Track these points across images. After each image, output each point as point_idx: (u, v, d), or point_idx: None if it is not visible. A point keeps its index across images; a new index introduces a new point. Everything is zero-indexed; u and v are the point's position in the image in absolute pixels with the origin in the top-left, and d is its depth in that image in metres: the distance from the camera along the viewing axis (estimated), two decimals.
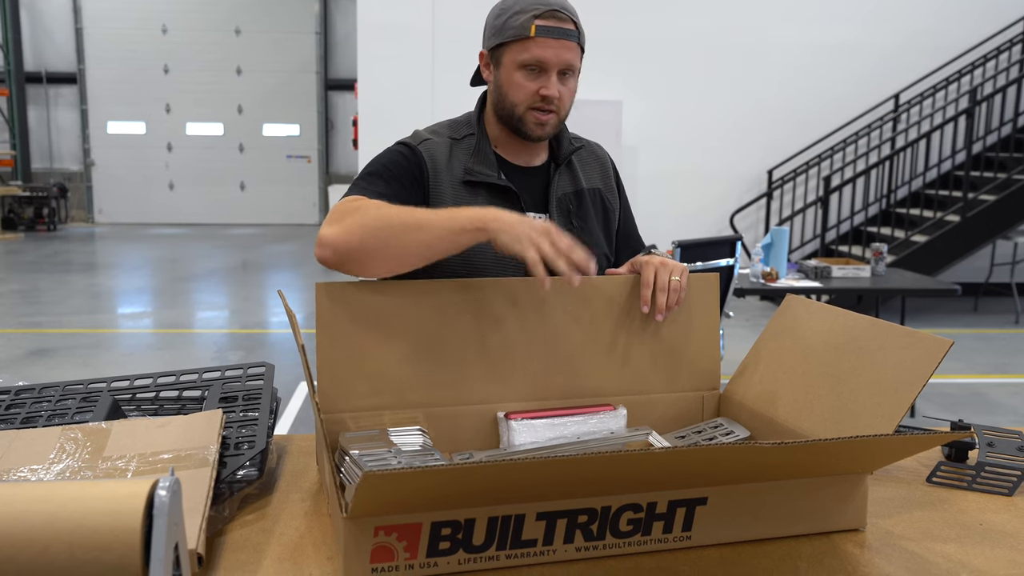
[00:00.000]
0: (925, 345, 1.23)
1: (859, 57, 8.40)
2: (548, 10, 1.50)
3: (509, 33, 1.51)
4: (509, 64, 1.53)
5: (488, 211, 1.34)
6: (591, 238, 1.66)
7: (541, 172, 1.66)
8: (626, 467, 1.03)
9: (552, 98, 1.53)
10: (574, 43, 1.53)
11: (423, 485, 0.94)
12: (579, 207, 1.67)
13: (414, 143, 1.59)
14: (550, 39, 1.50)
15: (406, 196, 1.51)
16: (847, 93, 8.41)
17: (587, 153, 1.75)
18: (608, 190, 1.74)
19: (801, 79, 8.41)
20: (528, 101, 1.54)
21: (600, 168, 1.75)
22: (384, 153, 1.59)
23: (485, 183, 1.58)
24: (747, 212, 8.45)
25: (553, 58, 1.51)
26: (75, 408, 1.38)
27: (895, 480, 1.41)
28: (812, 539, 1.18)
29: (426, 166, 1.56)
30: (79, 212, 14.47)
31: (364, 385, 1.40)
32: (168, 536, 0.83)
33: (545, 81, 1.52)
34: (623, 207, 1.79)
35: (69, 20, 13.99)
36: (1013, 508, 1.31)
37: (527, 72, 1.52)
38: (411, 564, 1.05)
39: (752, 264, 4.71)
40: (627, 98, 8.15)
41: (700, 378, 1.57)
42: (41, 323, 6.88)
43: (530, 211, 1.62)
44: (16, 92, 13.75)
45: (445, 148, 1.60)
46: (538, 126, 1.56)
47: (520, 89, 1.53)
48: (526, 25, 1.49)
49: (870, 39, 8.39)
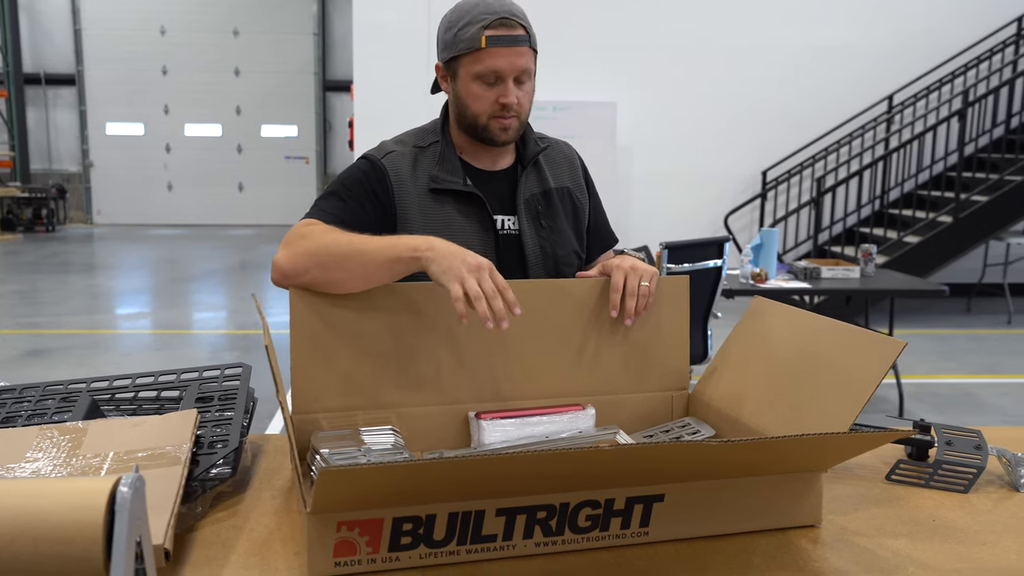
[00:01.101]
0: (880, 346, 1.27)
1: (853, 59, 8.43)
2: (496, 19, 1.53)
3: (461, 46, 1.55)
4: (465, 76, 1.57)
5: (426, 240, 1.37)
6: (561, 237, 1.70)
7: (508, 175, 1.69)
8: (581, 464, 1.06)
9: (511, 105, 1.56)
10: (526, 47, 1.56)
11: (380, 481, 0.97)
12: (547, 207, 1.70)
13: (377, 157, 1.62)
14: (502, 48, 1.53)
15: (364, 215, 1.55)
16: (841, 94, 8.44)
17: (554, 152, 1.78)
18: (577, 188, 1.77)
19: (795, 80, 8.44)
20: (489, 111, 1.58)
21: (568, 166, 1.78)
22: (347, 170, 1.62)
23: (451, 190, 1.61)
24: (742, 213, 8.49)
25: (507, 66, 1.54)
26: (54, 408, 1.41)
27: (856, 478, 1.44)
28: (768, 535, 1.22)
29: (389, 179, 1.60)
30: (78, 213, 14.51)
31: (337, 386, 1.43)
32: (130, 531, 0.86)
33: (503, 89, 1.56)
34: (593, 204, 1.81)
35: (68, 21, 14.04)
36: (967, 505, 1.34)
37: (483, 83, 1.56)
38: (373, 558, 1.08)
39: (742, 265, 4.74)
40: (621, 99, 8.19)
41: (669, 378, 1.61)
42: (38, 324, 6.92)
43: (498, 215, 1.65)
44: (15, 93, 13.80)
45: (410, 158, 1.63)
46: (502, 131, 1.59)
47: (479, 100, 1.57)
48: (476, 37, 1.52)
49: (864, 41, 8.42)
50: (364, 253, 1.38)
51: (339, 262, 1.38)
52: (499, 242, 1.64)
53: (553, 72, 8.21)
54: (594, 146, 8.08)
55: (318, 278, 1.38)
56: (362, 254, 1.38)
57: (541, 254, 1.67)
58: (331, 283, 1.39)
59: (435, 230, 1.57)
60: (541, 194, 1.70)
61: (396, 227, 1.59)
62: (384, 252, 1.38)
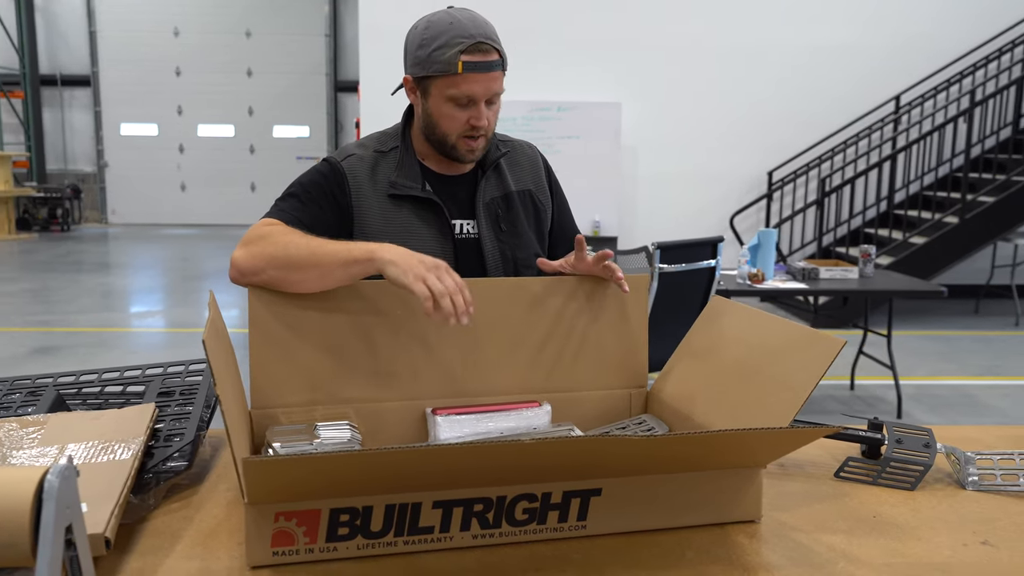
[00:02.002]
0: (823, 345, 1.29)
1: (860, 59, 8.40)
2: (473, 44, 1.54)
3: (436, 68, 1.56)
4: (438, 96, 1.59)
5: (381, 245, 1.39)
6: (521, 240, 1.72)
7: (468, 179, 1.72)
8: (514, 456, 1.09)
9: (482, 128, 1.59)
10: (499, 72, 1.59)
11: (306, 471, 1.00)
12: (508, 210, 1.72)
13: (337, 159, 1.65)
14: (477, 74, 1.55)
15: (323, 216, 1.58)
16: (848, 94, 8.41)
17: (516, 155, 1.80)
18: (539, 190, 1.79)
19: (801, 80, 8.42)
20: (459, 131, 1.60)
21: (531, 168, 1.80)
22: (307, 172, 1.65)
23: (409, 196, 1.64)
24: (747, 213, 8.47)
25: (482, 91, 1.57)
26: (20, 401, 1.45)
27: (805, 475, 1.46)
28: (706, 530, 1.24)
29: (347, 182, 1.63)
30: (93, 213, 14.66)
31: (296, 382, 1.46)
32: (57, 519, 0.89)
33: (475, 113, 1.58)
34: (558, 204, 1.84)
35: (83, 23, 14.18)
36: (911, 502, 1.36)
37: (456, 104, 1.58)
38: (311, 548, 1.11)
39: (739, 266, 4.75)
40: (626, 99, 8.20)
41: (628, 376, 1.63)
42: (48, 321, 7.00)
43: (456, 219, 1.68)
44: (31, 94, 13.96)
45: (370, 162, 1.66)
46: (469, 152, 1.63)
47: (451, 120, 1.60)
48: (453, 61, 1.54)
49: (871, 41, 8.39)
50: (320, 256, 1.41)
51: (296, 264, 1.41)
52: (457, 247, 1.66)
53: (557, 73, 8.26)
54: (599, 146, 8.11)
55: (274, 277, 1.41)
56: (318, 257, 1.41)
57: (501, 257, 1.69)
58: (287, 283, 1.42)
59: (394, 235, 1.60)
60: (501, 197, 1.72)
61: (353, 230, 1.61)
62: (340, 255, 1.40)
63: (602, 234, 8.04)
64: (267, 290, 1.45)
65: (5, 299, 7.93)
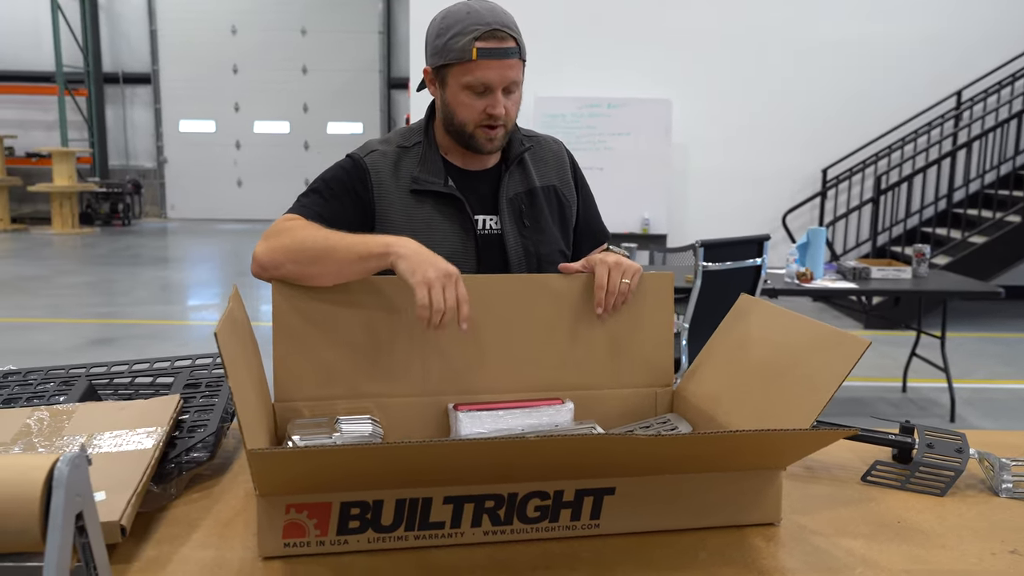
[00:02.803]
0: (847, 345, 1.26)
1: (920, 53, 8.19)
2: (488, 31, 1.54)
3: (452, 55, 1.56)
4: (454, 85, 1.59)
5: (398, 239, 1.40)
6: (544, 236, 1.71)
7: (491, 174, 1.71)
8: (526, 454, 1.08)
9: (499, 116, 1.59)
10: (516, 60, 1.58)
11: (312, 464, 1.01)
12: (531, 206, 1.71)
13: (360, 155, 1.66)
14: (492, 61, 1.54)
15: (344, 212, 1.59)
16: (907, 90, 8.21)
17: (541, 150, 1.79)
18: (564, 185, 1.78)
19: (858, 76, 8.24)
20: (477, 120, 1.60)
21: (556, 164, 1.79)
22: (330, 168, 1.66)
23: (431, 191, 1.64)
24: (800, 211, 8.32)
25: (497, 79, 1.56)
26: (53, 391, 1.49)
27: (831, 478, 1.43)
28: (722, 531, 1.22)
29: (370, 178, 1.63)
30: (152, 208, 15.00)
31: (318, 376, 1.48)
32: (66, 506, 0.91)
33: (491, 101, 1.58)
34: (583, 200, 1.82)
35: (144, 22, 14.51)
36: (939, 508, 1.32)
37: (472, 93, 1.58)
38: (322, 540, 1.12)
39: (787, 264, 4.67)
40: (677, 96, 8.11)
41: (653, 374, 1.61)
42: (106, 313, 7.19)
43: (479, 215, 1.68)
44: (95, 92, 14.32)
45: (392, 158, 1.66)
46: (488, 141, 1.62)
47: (468, 109, 1.59)
48: (467, 48, 1.54)
49: (932, 35, 8.18)
50: (337, 249, 1.42)
51: (313, 257, 1.42)
52: (480, 242, 1.66)
53: (608, 69, 8.21)
54: (649, 143, 8.05)
55: (293, 272, 1.43)
56: (335, 250, 1.42)
57: (524, 253, 1.68)
58: (305, 277, 1.43)
59: (416, 230, 1.60)
60: (525, 193, 1.72)
61: (375, 226, 1.62)
62: (356, 249, 1.41)
63: (651, 231, 7.97)
64: (290, 285, 1.46)
65: (67, 291, 8.16)
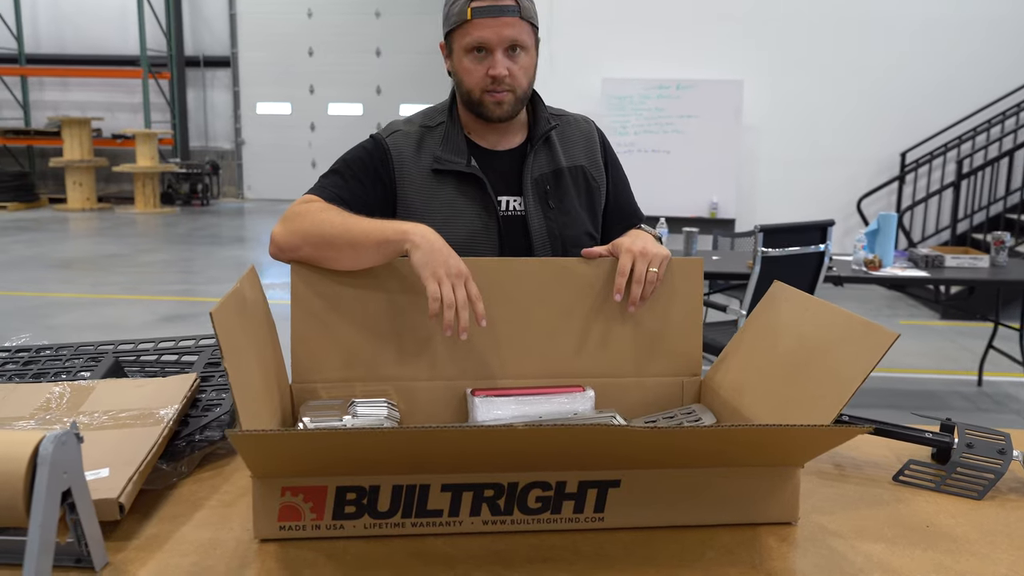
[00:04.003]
0: (875, 337, 1.19)
1: (1007, 31, 7.80)
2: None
3: (452, 20, 1.55)
4: (458, 51, 1.57)
5: (417, 227, 1.38)
6: (570, 218, 1.66)
7: (516, 154, 1.67)
8: (521, 443, 1.05)
9: (501, 77, 1.55)
10: (515, 18, 1.53)
11: (296, 447, 1.00)
12: (557, 187, 1.67)
13: (383, 136, 1.64)
14: (487, 19, 1.52)
15: (364, 193, 1.57)
16: (992, 70, 7.83)
17: (570, 129, 1.74)
18: (593, 166, 1.73)
19: (939, 54, 7.89)
20: (481, 84, 1.56)
21: (585, 143, 1.74)
22: (352, 149, 1.65)
23: (453, 171, 1.61)
24: (877, 196, 8.04)
25: (494, 37, 1.53)
26: (80, 366, 1.52)
27: (862, 477, 1.36)
28: (734, 529, 1.17)
29: (391, 158, 1.61)
30: (230, 188, 15.37)
31: (336, 358, 1.47)
32: (51, 484, 0.92)
33: (491, 61, 1.54)
34: (615, 181, 1.77)
35: (225, 7, 14.82)
36: (974, 512, 1.24)
37: (474, 56, 1.55)
38: (317, 524, 1.11)
39: (854, 251, 4.51)
40: (748, 77, 7.90)
41: (680, 363, 1.56)
42: (180, 291, 7.40)
43: (503, 195, 1.64)
44: (177, 76, 14.72)
45: (415, 138, 1.64)
46: (496, 106, 1.58)
47: (470, 74, 1.56)
48: (463, 10, 1.53)
49: (1020, 11, 7.77)
50: (354, 234, 1.41)
51: (330, 242, 1.41)
52: (502, 224, 1.62)
53: (677, 49, 8.04)
54: (718, 125, 7.88)
55: (310, 255, 1.42)
56: (352, 235, 1.41)
57: (548, 236, 1.64)
58: (322, 260, 1.42)
59: (437, 211, 1.58)
60: (551, 173, 1.67)
61: (397, 206, 1.60)
62: (374, 235, 1.40)
63: (719, 216, 7.81)
64: (309, 266, 1.46)
65: (145, 269, 8.42)
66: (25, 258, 8.84)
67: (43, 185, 14.68)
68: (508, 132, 1.66)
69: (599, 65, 8.00)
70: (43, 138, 14.15)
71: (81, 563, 1.02)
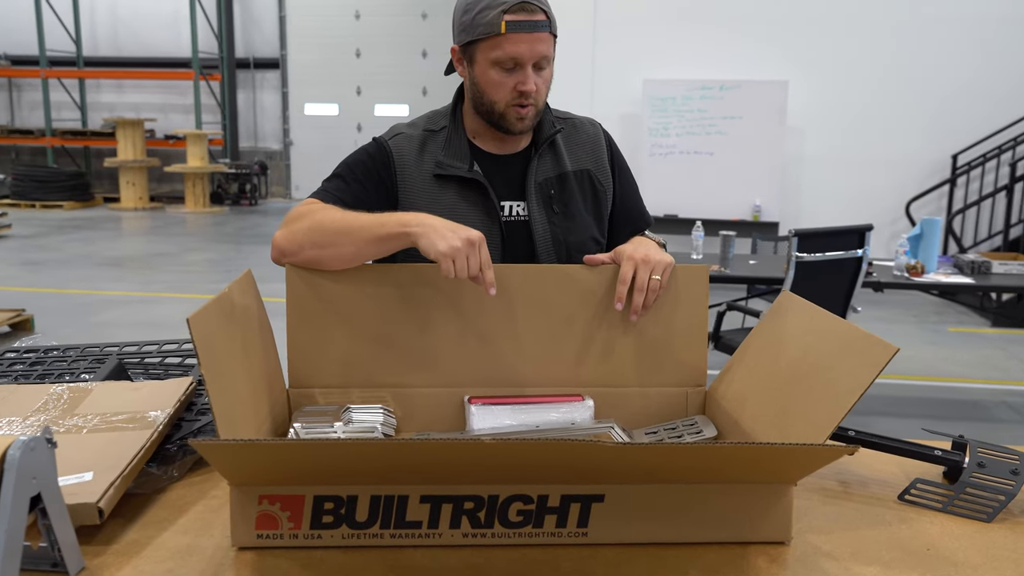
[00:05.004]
0: (875, 351, 1.14)
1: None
2: (517, 3, 1.47)
3: (479, 30, 1.50)
4: (483, 62, 1.53)
5: (415, 216, 1.38)
6: (574, 223, 1.63)
7: (520, 158, 1.65)
8: (491, 455, 1.03)
9: (530, 93, 1.52)
10: (546, 34, 1.50)
11: (261, 457, 0.99)
12: (562, 191, 1.64)
13: (385, 139, 1.63)
14: (522, 34, 1.48)
15: (366, 196, 1.56)
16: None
17: (576, 132, 1.71)
18: (599, 170, 1.69)
19: (992, 54, 7.66)
20: (507, 98, 1.53)
21: (591, 147, 1.71)
22: (355, 152, 1.64)
23: (455, 176, 1.59)
24: (927, 200, 7.84)
25: (527, 53, 1.49)
26: (84, 368, 1.53)
27: (866, 495, 1.31)
28: (722, 548, 1.13)
29: (393, 162, 1.60)
30: (278, 188, 15.57)
31: (333, 363, 1.46)
32: (17, 489, 0.92)
33: (521, 77, 1.51)
34: (622, 185, 1.73)
35: (274, 9, 15.02)
36: (981, 535, 1.18)
37: (502, 69, 1.52)
38: (295, 534, 1.10)
39: (896, 256, 4.40)
40: (793, 77, 7.76)
41: (684, 374, 1.52)
42: (220, 290, 7.49)
43: (505, 200, 1.62)
44: (228, 77, 14.96)
45: (418, 141, 1.62)
46: (519, 120, 1.55)
47: (498, 87, 1.53)
48: (495, 22, 1.48)
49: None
50: (355, 229, 1.41)
51: (332, 239, 1.41)
52: (505, 229, 1.60)
53: (720, 49, 7.93)
54: (762, 127, 7.75)
55: (312, 255, 1.42)
56: (353, 230, 1.41)
57: (552, 241, 1.62)
58: (325, 259, 1.42)
59: (438, 215, 1.56)
60: (556, 178, 1.64)
61: (398, 210, 1.59)
62: (374, 228, 1.40)
63: (763, 219, 7.69)
64: (306, 270, 1.45)
65: (190, 268, 8.57)
66: (78, 256, 9.05)
67: (98, 185, 15.02)
68: (513, 137, 1.63)
69: (641, 66, 7.92)
70: (98, 139, 14.49)
71: (58, 567, 1.02)
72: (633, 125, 7.98)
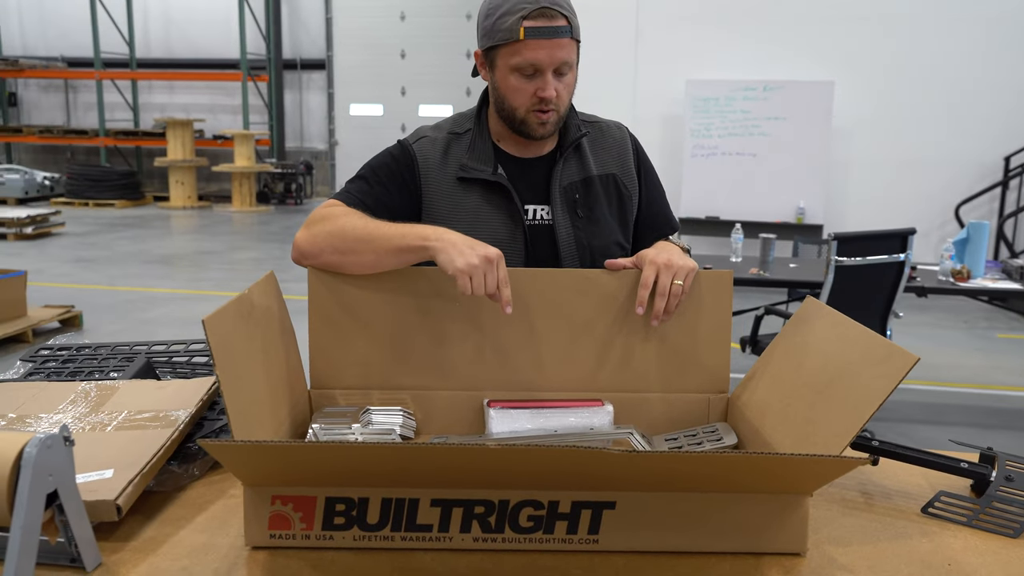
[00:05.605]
0: (895, 361, 1.12)
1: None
2: (536, 9, 1.46)
3: (499, 36, 1.49)
4: (503, 67, 1.52)
5: (436, 230, 1.38)
6: (599, 227, 1.62)
7: (545, 162, 1.64)
8: (502, 460, 1.03)
9: (550, 99, 1.51)
10: (567, 39, 1.49)
11: (271, 458, 1.00)
12: (587, 195, 1.63)
13: (410, 142, 1.63)
14: (541, 40, 1.47)
15: (390, 199, 1.56)
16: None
17: (602, 136, 1.69)
18: (625, 174, 1.68)
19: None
20: (527, 104, 1.53)
21: (617, 151, 1.69)
22: (379, 154, 1.65)
23: (479, 179, 1.59)
24: (978, 203, 7.67)
25: (546, 59, 1.48)
26: (112, 366, 1.56)
27: (890, 507, 1.28)
28: (736, 558, 1.12)
29: (417, 165, 1.60)
30: (323, 188, 15.73)
31: (354, 365, 1.47)
32: (34, 486, 0.94)
33: (541, 83, 1.50)
34: (648, 190, 1.71)
35: (321, 10, 15.18)
36: (1007, 551, 1.15)
37: (521, 75, 1.51)
38: (307, 534, 1.11)
39: (941, 261, 4.31)
40: (840, 78, 7.63)
41: (707, 380, 1.51)
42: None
43: (530, 204, 1.61)
44: (275, 78, 15.16)
45: (442, 144, 1.62)
46: (540, 126, 1.55)
47: (518, 93, 1.52)
48: (515, 28, 1.47)
49: None
50: (376, 239, 1.41)
51: (352, 246, 1.42)
52: (529, 233, 1.60)
53: (764, 50, 7.84)
54: (807, 128, 7.65)
55: (332, 261, 1.43)
56: (374, 240, 1.41)
57: (576, 245, 1.61)
58: (344, 265, 1.43)
59: (462, 219, 1.56)
60: (581, 182, 1.63)
61: (422, 213, 1.60)
62: (395, 240, 1.40)
63: (806, 221, 7.58)
64: (328, 272, 1.46)
65: (234, 266, 8.70)
66: (128, 254, 9.24)
67: (149, 184, 15.32)
68: (538, 141, 1.62)
69: (683, 66, 7.86)
70: (149, 139, 14.78)
71: (75, 563, 1.05)
72: (675, 126, 7.92)
